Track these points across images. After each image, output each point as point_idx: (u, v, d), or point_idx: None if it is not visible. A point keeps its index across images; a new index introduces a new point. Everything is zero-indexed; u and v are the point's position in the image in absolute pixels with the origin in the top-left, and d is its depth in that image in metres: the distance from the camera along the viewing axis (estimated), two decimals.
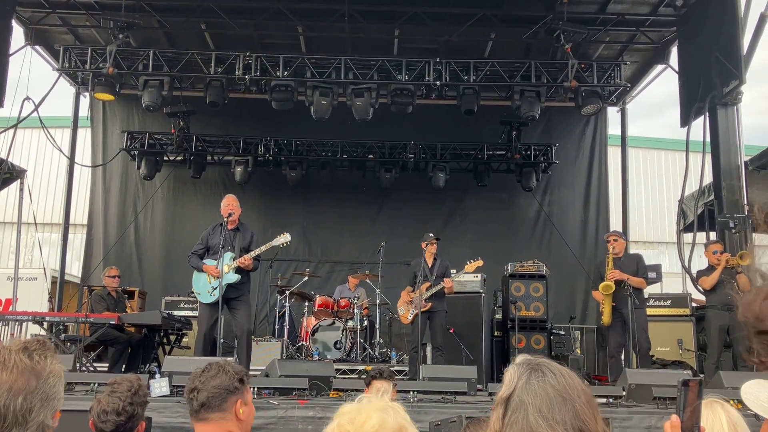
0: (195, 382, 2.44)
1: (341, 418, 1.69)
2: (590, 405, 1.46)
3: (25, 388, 1.62)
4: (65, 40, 11.65)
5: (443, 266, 8.40)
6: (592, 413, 1.45)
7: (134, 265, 12.86)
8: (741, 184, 9.35)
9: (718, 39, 9.42)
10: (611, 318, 7.76)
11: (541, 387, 1.46)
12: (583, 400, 1.45)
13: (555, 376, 1.47)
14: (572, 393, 1.45)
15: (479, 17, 10.60)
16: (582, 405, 1.44)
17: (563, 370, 1.50)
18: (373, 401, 1.72)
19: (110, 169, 13.18)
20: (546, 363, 1.52)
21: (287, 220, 12.64)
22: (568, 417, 1.43)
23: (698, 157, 9.74)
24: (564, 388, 1.46)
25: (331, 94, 10.49)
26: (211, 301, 7.23)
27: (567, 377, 1.48)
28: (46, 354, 1.72)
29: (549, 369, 1.49)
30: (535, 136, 12.92)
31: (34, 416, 1.62)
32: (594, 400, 1.47)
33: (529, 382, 1.47)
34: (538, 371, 1.49)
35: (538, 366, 1.51)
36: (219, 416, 2.38)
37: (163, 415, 5.34)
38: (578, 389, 1.47)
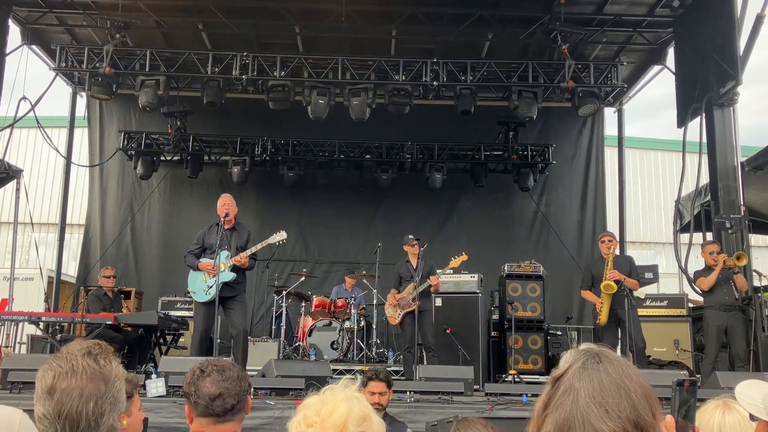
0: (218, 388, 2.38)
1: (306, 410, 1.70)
2: (647, 399, 1.40)
3: (95, 393, 1.63)
4: (62, 39, 11.63)
5: (428, 266, 8.40)
6: (650, 407, 1.39)
7: (131, 265, 12.84)
8: (737, 185, 9.37)
9: (714, 40, 9.44)
10: (607, 319, 7.77)
11: (596, 373, 1.41)
12: (639, 392, 1.39)
13: (612, 364, 1.42)
14: (628, 383, 1.40)
15: (476, 18, 10.60)
16: (638, 396, 1.39)
17: (623, 360, 1.45)
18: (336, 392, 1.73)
19: (107, 169, 13.16)
20: (606, 352, 1.46)
21: (284, 220, 12.62)
22: (622, 406, 1.37)
23: (695, 158, 9.75)
24: (620, 377, 1.40)
25: (328, 94, 10.48)
26: (206, 300, 7.21)
27: (624, 367, 1.43)
28: (110, 358, 1.73)
29: (607, 357, 1.44)
30: (532, 137, 12.93)
31: (105, 420, 1.64)
32: (653, 396, 1.41)
33: (584, 367, 1.42)
34: (595, 358, 1.44)
35: (596, 353, 1.45)
36: (240, 417, 2.41)
37: (159, 415, 5.33)
38: (635, 381, 1.41)
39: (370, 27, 11.06)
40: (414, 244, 8.46)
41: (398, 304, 8.33)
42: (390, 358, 9.95)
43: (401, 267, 8.51)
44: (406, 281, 8.36)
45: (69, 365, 1.66)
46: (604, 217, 13.15)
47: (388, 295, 8.64)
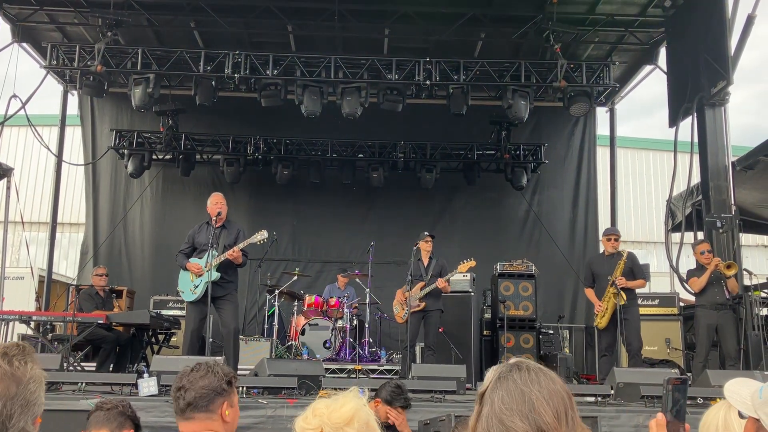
0: (183, 381, 2.42)
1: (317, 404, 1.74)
2: (552, 401, 1.44)
3: (5, 394, 1.61)
4: (53, 37, 11.57)
5: (439, 265, 8.41)
6: (553, 410, 1.43)
7: (123, 264, 12.80)
8: (728, 185, 9.42)
9: (705, 40, 9.48)
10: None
11: (505, 382, 1.48)
12: (545, 395, 1.44)
13: (520, 372, 1.49)
14: (532, 387, 1.45)
15: (469, 17, 10.61)
16: (541, 399, 1.43)
17: (536, 367, 1.51)
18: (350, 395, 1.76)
19: (99, 168, 13.11)
20: (522, 362, 1.53)
21: (277, 219, 12.61)
22: (525, 410, 1.42)
23: (686, 158, 9.79)
24: (525, 382, 1.47)
25: (320, 92, 10.46)
26: (192, 299, 7.20)
27: (533, 373, 1.49)
28: (26, 359, 1.69)
29: (518, 367, 1.51)
30: (525, 136, 12.96)
31: (15, 422, 1.61)
32: (562, 399, 1.46)
33: (498, 378, 1.50)
34: (509, 369, 1.51)
35: (512, 365, 1.52)
36: (204, 416, 2.37)
37: (151, 414, 5.31)
38: (541, 385, 1.46)
39: (362, 26, 11.06)
40: (428, 240, 8.46)
41: (405, 302, 8.32)
42: (383, 357, 9.95)
43: (413, 265, 8.48)
44: (416, 280, 8.35)
45: None
46: (596, 216, 13.19)
47: (397, 291, 8.64)
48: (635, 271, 7.85)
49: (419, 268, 8.42)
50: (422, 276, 8.34)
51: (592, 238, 13.03)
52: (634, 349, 7.61)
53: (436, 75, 10.52)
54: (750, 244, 16.98)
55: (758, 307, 8.20)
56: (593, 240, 13.02)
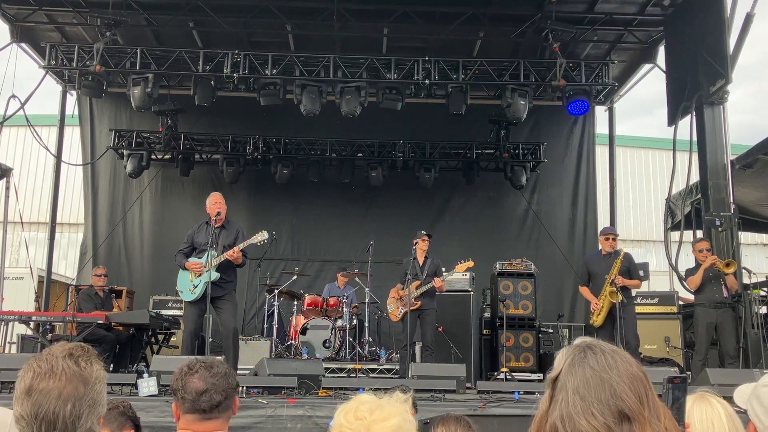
0: (205, 384, 2.39)
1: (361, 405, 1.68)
2: (633, 385, 1.39)
3: (74, 394, 1.62)
4: (51, 37, 11.56)
5: (434, 265, 8.40)
6: (634, 392, 1.39)
7: (122, 265, 12.79)
8: (727, 183, 9.43)
9: (704, 38, 9.49)
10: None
11: (581, 367, 1.43)
12: (625, 379, 1.40)
13: (596, 356, 1.43)
14: (611, 373, 1.40)
15: (468, 16, 10.62)
16: (622, 384, 1.39)
17: (610, 350, 1.45)
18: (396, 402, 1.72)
19: (98, 168, 13.10)
20: (594, 344, 1.47)
21: (276, 218, 12.63)
22: (604, 397, 1.38)
23: (685, 156, 9.81)
24: (603, 367, 1.41)
25: (319, 92, 10.46)
26: (192, 299, 7.20)
27: (609, 357, 1.43)
28: (91, 360, 1.72)
29: (592, 350, 1.45)
30: (524, 135, 12.97)
31: (83, 423, 1.63)
32: (641, 382, 1.41)
33: (572, 363, 1.45)
34: (582, 353, 1.45)
35: (583, 348, 1.47)
36: (226, 415, 2.40)
37: (151, 414, 5.31)
38: (620, 369, 1.41)
39: (361, 25, 11.05)
40: (425, 239, 8.45)
41: (401, 300, 8.33)
42: (382, 356, 9.95)
43: (407, 263, 8.48)
44: (412, 278, 8.35)
45: (48, 366, 1.65)
46: (595, 215, 13.19)
47: (391, 290, 8.63)
48: (631, 271, 7.87)
49: (415, 267, 8.42)
50: (418, 275, 8.34)
51: (592, 236, 13.03)
52: (632, 348, 7.61)
53: (435, 74, 10.52)
54: (749, 242, 17.00)
55: (757, 305, 8.21)
56: (592, 239, 13.01)
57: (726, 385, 5.28)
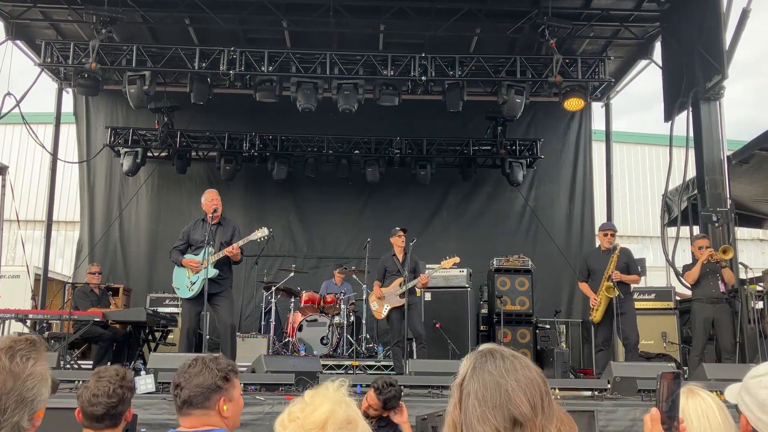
0: (179, 379, 2.43)
1: (293, 406, 1.70)
2: (528, 390, 1.41)
3: (1, 388, 1.61)
4: (47, 34, 11.52)
5: (413, 261, 8.33)
6: (528, 399, 1.40)
7: (119, 262, 12.78)
8: (724, 179, 9.43)
9: (700, 34, 9.49)
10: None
11: (481, 373, 1.45)
12: (522, 385, 1.41)
13: (495, 361, 1.45)
14: (509, 378, 1.42)
15: (464, 12, 10.60)
16: (517, 390, 1.40)
17: (510, 355, 1.47)
18: (329, 392, 1.73)
19: (94, 166, 13.08)
20: (495, 349, 1.49)
21: (273, 215, 12.62)
22: (499, 401, 1.40)
23: (682, 152, 9.81)
24: (501, 372, 1.43)
25: (314, 88, 10.44)
26: (189, 296, 7.19)
27: (508, 362, 1.45)
28: (29, 355, 1.70)
29: (492, 355, 1.47)
30: (521, 131, 12.98)
31: (8, 417, 1.62)
32: (538, 387, 1.43)
33: (474, 368, 1.47)
34: (483, 357, 1.48)
35: (486, 352, 1.49)
36: (201, 413, 2.38)
37: (148, 411, 5.31)
38: (518, 374, 1.42)
39: (358, 21, 11.02)
40: (400, 234, 8.39)
41: (384, 297, 8.29)
42: (380, 352, 9.96)
43: (387, 260, 8.45)
44: (392, 275, 8.32)
45: None
46: (592, 211, 13.20)
47: (373, 288, 8.60)
48: (630, 267, 7.88)
49: (395, 264, 8.37)
50: (399, 272, 8.29)
51: (589, 232, 13.05)
52: (631, 343, 7.63)
53: (432, 70, 10.51)
54: (745, 237, 17.03)
55: (754, 300, 8.22)
56: (589, 235, 13.03)
57: (723, 380, 5.30)
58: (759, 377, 1.71)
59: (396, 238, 8.42)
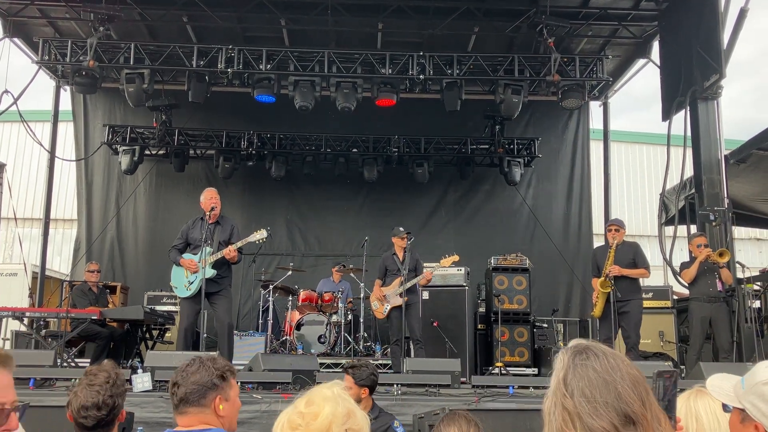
0: (177, 377, 2.44)
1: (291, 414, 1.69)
2: (635, 388, 1.42)
3: None
4: (44, 32, 11.49)
5: (414, 260, 8.34)
6: (638, 396, 1.41)
7: (116, 260, 12.77)
8: (721, 178, 9.44)
9: (698, 33, 9.50)
10: (603, 310, 7.76)
11: (584, 370, 1.45)
12: (627, 382, 1.42)
13: (598, 358, 1.46)
14: (615, 375, 1.42)
15: (462, 11, 10.60)
16: (625, 387, 1.41)
17: (608, 352, 1.48)
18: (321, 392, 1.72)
19: (92, 164, 13.06)
20: (592, 346, 1.50)
21: (271, 214, 12.62)
22: (610, 399, 1.40)
23: (679, 151, 9.82)
24: (606, 370, 1.43)
25: (312, 86, 10.42)
26: (187, 295, 7.19)
27: (611, 359, 1.46)
28: None
29: (593, 352, 1.47)
30: (519, 130, 12.98)
31: None
32: (641, 384, 1.44)
33: (574, 365, 1.47)
34: (583, 354, 1.48)
35: (583, 350, 1.49)
36: (197, 411, 2.39)
37: (145, 410, 5.32)
38: (622, 372, 1.44)
39: (356, 20, 11.01)
40: (404, 236, 8.40)
41: (384, 297, 8.30)
42: (378, 351, 9.96)
43: (387, 259, 8.46)
44: (393, 274, 8.33)
45: None
46: (590, 209, 13.22)
47: (374, 288, 8.61)
48: (637, 261, 7.78)
49: (395, 263, 8.38)
50: (399, 271, 8.30)
51: (586, 231, 13.07)
52: (632, 343, 7.61)
53: (430, 69, 10.51)
54: (743, 237, 17.05)
55: (751, 299, 8.24)
56: (587, 234, 13.05)
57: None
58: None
59: (398, 239, 8.42)
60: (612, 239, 7.86)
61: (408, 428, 5.09)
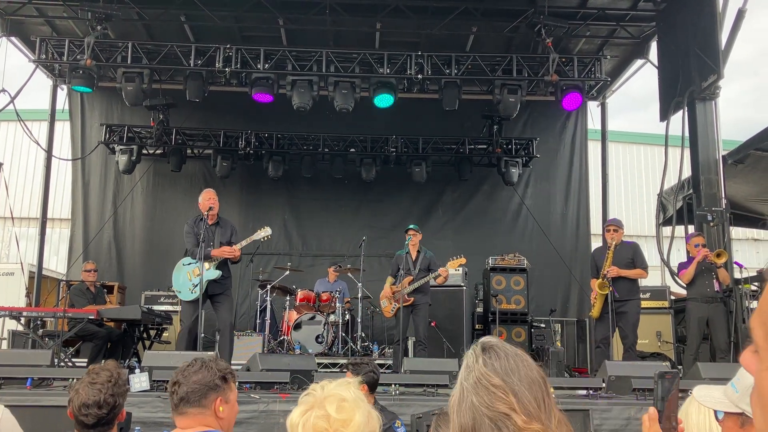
0: (178, 376, 2.43)
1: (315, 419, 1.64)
2: (531, 390, 1.43)
3: None
4: (42, 31, 11.47)
5: (427, 259, 8.35)
6: (533, 398, 1.42)
7: (113, 260, 12.74)
8: (719, 178, 9.46)
9: (696, 34, 9.51)
10: (601, 311, 7.76)
11: (477, 367, 1.47)
12: (525, 383, 1.43)
13: (500, 359, 1.47)
14: (512, 377, 1.43)
15: (461, 11, 10.59)
16: (522, 389, 1.42)
17: (510, 353, 1.48)
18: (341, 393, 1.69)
19: (89, 163, 13.03)
20: (496, 346, 1.50)
21: (268, 214, 12.60)
22: (509, 399, 1.41)
23: (677, 152, 9.83)
24: (506, 371, 1.44)
25: (310, 86, 10.41)
26: (191, 299, 7.17)
27: (511, 360, 1.46)
28: None
29: (496, 352, 1.48)
30: (517, 130, 12.98)
31: None
32: (540, 387, 1.44)
33: (482, 363, 1.48)
34: (486, 354, 1.49)
35: (488, 349, 1.50)
36: (197, 411, 2.37)
37: (143, 410, 5.30)
38: (521, 373, 1.44)
39: (354, 20, 11.01)
40: (411, 233, 8.37)
41: (394, 296, 8.28)
42: (375, 351, 9.96)
43: (400, 258, 8.43)
44: (404, 273, 8.32)
45: None
46: (588, 210, 13.23)
47: (385, 285, 8.59)
48: (636, 261, 7.76)
49: (408, 262, 8.38)
50: (410, 270, 8.30)
51: (584, 231, 13.08)
52: (629, 343, 7.61)
53: (428, 69, 10.50)
54: (740, 237, 17.06)
55: (748, 299, 8.24)
56: (585, 234, 13.06)
57: (717, 380, 5.31)
58: None
59: (412, 237, 8.39)
60: (610, 239, 7.84)
61: (406, 428, 5.08)
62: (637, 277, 7.79)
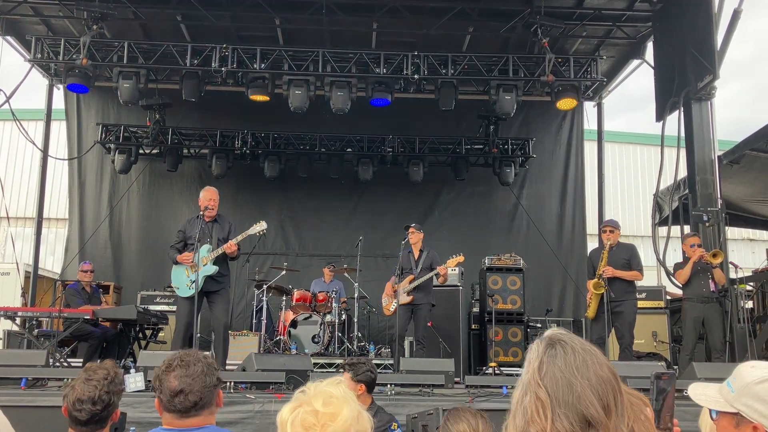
0: (181, 384, 2.34)
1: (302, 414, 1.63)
2: (601, 390, 1.33)
3: None
4: (37, 30, 11.44)
5: (429, 258, 8.34)
6: (601, 401, 1.32)
7: (109, 260, 12.70)
8: (714, 178, 9.47)
9: (692, 34, 9.53)
10: (596, 311, 7.76)
11: (551, 367, 1.37)
12: (593, 384, 1.34)
13: (566, 355, 1.37)
14: (578, 375, 1.34)
15: (457, 11, 10.59)
16: (586, 389, 1.33)
17: (579, 348, 1.38)
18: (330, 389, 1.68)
19: (85, 163, 13.00)
20: (564, 340, 1.40)
21: (265, 213, 12.52)
22: (571, 400, 1.33)
23: (673, 152, 9.84)
24: (571, 369, 1.35)
25: (307, 85, 10.40)
26: (189, 294, 7.16)
27: (579, 357, 1.37)
28: None
29: (562, 347, 1.38)
30: (513, 131, 12.99)
31: None
32: (611, 386, 1.35)
33: (546, 359, 1.39)
34: (553, 349, 1.39)
35: (557, 343, 1.40)
36: (208, 412, 2.37)
37: (137, 410, 5.29)
38: (589, 372, 1.35)
39: (350, 19, 11.00)
40: (411, 231, 8.38)
41: (395, 294, 8.29)
42: (371, 351, 9.95)
43: (404, 256, 8.43)
44: (406, 272, 8.32)
45: None
46: (584, 210, 13.23)
47: (387, 283, 8.59)
48: (631, 262, 7.74)
49: (410, 261, 8.38)
50: (412, 269, 8.30)
51: (580, 232, 13.08)
52: (626, 343, 7.61)
53: (424, 69, 10.50)
54: (736, 237, 17.11)
55: (744, 299, 8.26)
56: (581, 234, 13.07)
57: (712, 379, 5.31)
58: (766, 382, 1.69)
59: (411, 235, 8.38)
60: (606, 240, 7.84)
61: (402, 428, 5.08)
62: (632, 279, 7.79)
